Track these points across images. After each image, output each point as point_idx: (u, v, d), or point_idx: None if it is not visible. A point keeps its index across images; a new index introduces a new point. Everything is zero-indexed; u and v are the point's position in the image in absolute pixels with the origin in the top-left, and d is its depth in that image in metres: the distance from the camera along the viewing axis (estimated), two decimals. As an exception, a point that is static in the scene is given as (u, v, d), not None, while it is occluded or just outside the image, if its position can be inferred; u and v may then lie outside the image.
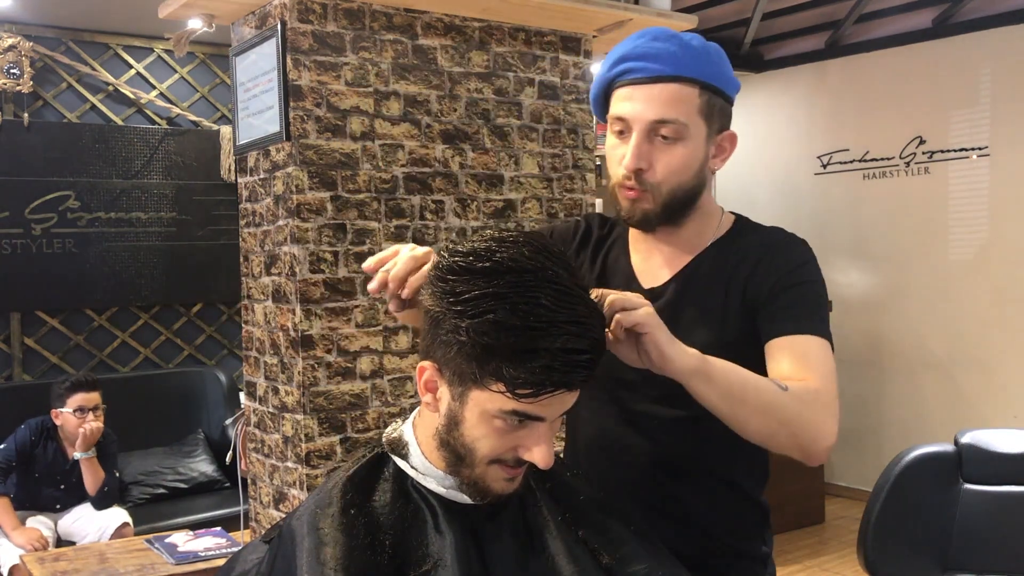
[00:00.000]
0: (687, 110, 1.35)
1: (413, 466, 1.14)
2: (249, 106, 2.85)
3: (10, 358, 4.60)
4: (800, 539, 4.61)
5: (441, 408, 1.09)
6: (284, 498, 2.80)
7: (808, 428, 1.24)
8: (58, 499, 3.90)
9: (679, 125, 1.35)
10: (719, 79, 1.38)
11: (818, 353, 1.31)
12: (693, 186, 1.39)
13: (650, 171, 1.37)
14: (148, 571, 2.97)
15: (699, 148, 1.38)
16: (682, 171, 1.37)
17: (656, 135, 1.35)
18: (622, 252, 1.51)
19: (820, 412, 1.24)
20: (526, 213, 3.11)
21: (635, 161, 1.36)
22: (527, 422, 1.05)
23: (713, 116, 1.38)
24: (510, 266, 1.03)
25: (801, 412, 1.23)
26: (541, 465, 1.06)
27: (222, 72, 5.12)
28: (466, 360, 1.03)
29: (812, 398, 1.25)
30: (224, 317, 5.19)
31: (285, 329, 2.73)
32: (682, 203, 1.40)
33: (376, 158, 2.80)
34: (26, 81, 4.52)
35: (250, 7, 2.79)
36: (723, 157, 1.44)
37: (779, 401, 1.22)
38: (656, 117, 1.34)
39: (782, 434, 1.23)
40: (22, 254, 4.58)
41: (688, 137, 1.36)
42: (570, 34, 3.18)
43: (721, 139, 1.42)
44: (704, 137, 1.38)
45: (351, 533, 1.06)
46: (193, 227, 5.04)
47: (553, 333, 1.00)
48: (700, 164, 1.39)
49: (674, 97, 1.35)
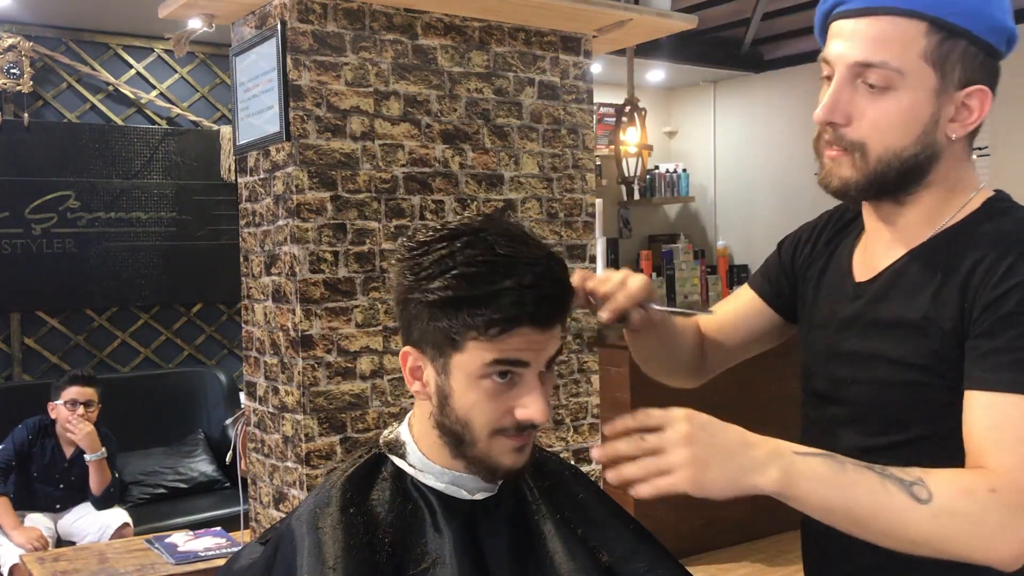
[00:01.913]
0: (904, 52, 1.06)
1: (411, 464, 1.14)
2: (249, 106, 2.85)
3: (10, 358, 4.60)
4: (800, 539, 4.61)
5: (430, 390, 1.09)
6: (284, 498, 2.80)
7: (970, 546, 0.95)
8: (57, 499, 3.90)
9: (889, 71, 1.07)
10: (967, 17, 1.06)
11: (1016, 422, 0.97)
12: (915, 154, 1.09)
13: (850, 126, 1.10)
14: (148, 571, 2.97)
15: (923, 103, 1.08)
16: (893, 131, 1.08)
17: (863, 82, 1.08)
18: (856, 237, 1.24)
19: (991, 521, 0.94)
20: (526, 213, 3.11)
21: (827, 111, 1.10)
22: (513, 376, 1.05)
23: (949, 64, 1.07)
24: (464, 229, 1.06)
25: (952, 532, 0.95)
26: (537, 418, 1.05)
27: (222, 72, 5.12)
28: (439, 324, 1.04)
29: (977, 508, 0.95)
30: (224, 317, 5.19)
31: (285, 329, 2.73)
32: (899, 175, 1.10)
33: (376, 158, 2.80)
34: (26, 81, 4.52)
35: (250, 7, 2.79)
36: (968, 121, 1.10)
37: (911, 522, 0.94)
38: (859, 58, 1.08)
39: (933, 552, 0.97)
40: (22, 254, 4.58)
41: (903, 87, 1.07)
42: (570, 34, 3.18)
43: (965, 96, 1.09)
44: (933, 90, 1.07)
45: (350, 532, 1.06)
46: (193, 227, 5.04)
47: (514, 272, 1.02)
48: (924, 125, 1.08)
49: (886, 34, 1.07)
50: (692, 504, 5.14)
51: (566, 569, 1.10)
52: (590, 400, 3.18)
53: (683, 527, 4.29)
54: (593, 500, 1.21)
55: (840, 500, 0.96)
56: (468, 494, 1.12)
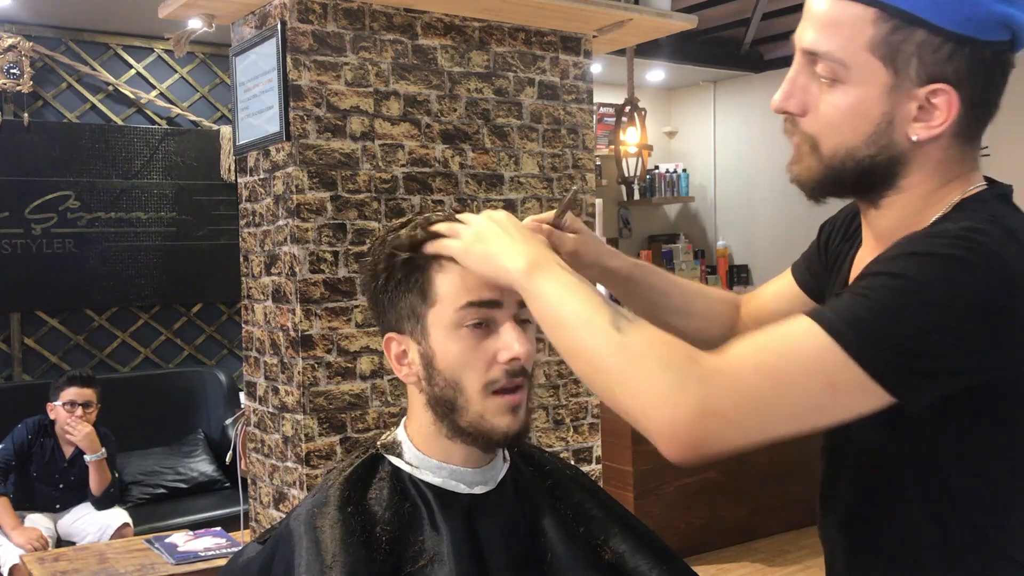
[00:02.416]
0: (849, 42, 0.94)
1: (407, 461, 1.15)
2: (249, 106, 2.85)
3: (10, 358, 4.60)
4: (800, 539, 4.61)
5: (416, 367, 1.12)
6: (284, 498, 2.80)
7: (638, 396, 0.88)
8: (57, 499, 3.90)
9: (834, 63, 0.95)
10: (924, 3, 0.91)
11: (786, 335, 0.89)
12: (871, 155, 0.97)
13: (805, 117, 1.00)
14: (148, 571, 2.97)
15: (872, 101, 0.95)
16: (842, 128, 0.97)
17: (816, 71, 0.98)
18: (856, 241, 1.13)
19: (671, 379, 0.86)
20: (526, 213, 3.11)
21: (781, 99, 1.01)
22: (489, 323, 1.08)
23: (902, 57, 0.93)
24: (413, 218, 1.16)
25: (629, 371, 0.88)
26: (521, 353, 1.07)
27: (222, 72, 5.12)
28: (407, 288, 1.10)
29: (665, 361, 0.87)
30: (224, 317, 5.19)
31: (285, 329, 2.73)
32: (856, 176, 0.98)
33: (376, 158, 2.80)
34: (26, 81, 4.52)
35: (250, 7, 2.79)
36: (934, 123, 0.95)
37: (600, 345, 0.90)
38: (807, 46, 0.97)
39: (608, 391, 0.91)
40: (22, 254, 4.58)
41: (850, 82, 0.95)
42: (570, 34, 3.18)
43: (928, 93, 0.94)
44: (885, 86, 0.94)
45: (348, 530, 1.07)
46: (193, 227, 5.04)
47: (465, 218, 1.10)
48: (876, 125, 0.96)
49: (836, 19, 0.95)
50: (692, 504, 5.15)
51: (566, 565, 1.10)
52: (590, 400, 3.18)
53: (683, 527, 4.29)
54: (594, 499, 1.21)
55: (558, 305, 0.95)
56: (467, 487, 1.13)
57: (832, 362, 0.85)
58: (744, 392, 0.86)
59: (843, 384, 0.86)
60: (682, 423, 0.85)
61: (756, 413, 0.87)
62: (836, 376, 0.86)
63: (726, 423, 0.86)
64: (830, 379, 0.86)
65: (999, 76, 0.98)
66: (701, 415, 0.85)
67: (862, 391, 0.86)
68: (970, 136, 1.00)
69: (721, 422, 0.86)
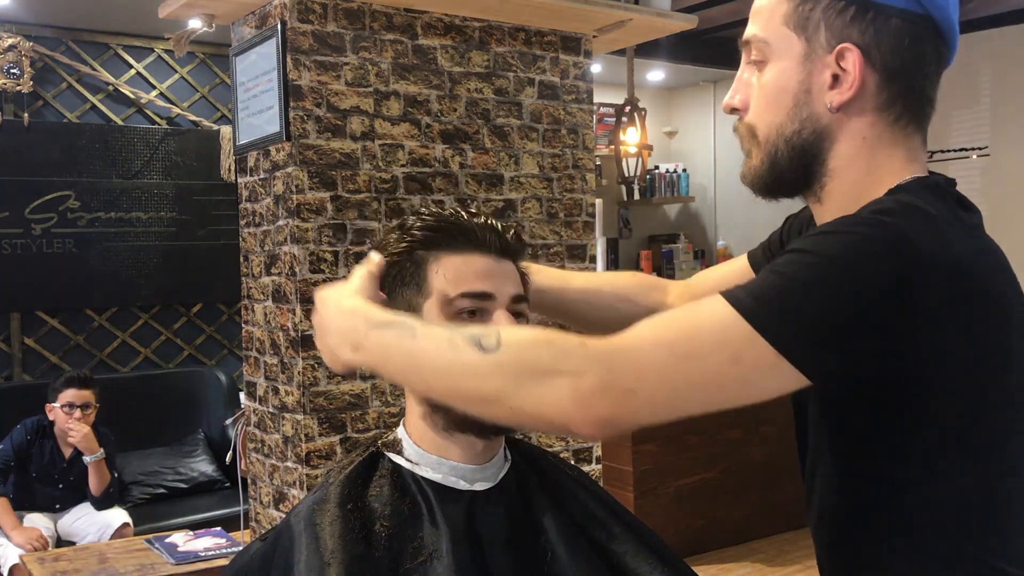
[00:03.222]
0: (769, 20, 0.99)
1: (407, 458, 1.15)
2: (249, 106, 2.85)
3: (10, 358, 4.61)
4: (800, 539, 4.61)
5: None
6: (284, 498, 2.80)
7: (542, 396, 0.85)
8: (57, 499, 3.90)
9: (760, 44, 0.99)
10: None
11: (695, 311, 0.89)
12: (797, 130, 0.98)
13: (747, 111, 1.02)
14: (148, 571, 2.97)
15: (789, 72, 0.98)
16: (769, 107, 0.99)
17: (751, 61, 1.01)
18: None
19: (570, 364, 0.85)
20: (526, 213, 3.11)
21: (729, 95, 1.03)
22: (482, 311, 1.09)
23: (811, 25, 0.96)
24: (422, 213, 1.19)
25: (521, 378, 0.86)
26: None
27: (222, 72, 5.12)
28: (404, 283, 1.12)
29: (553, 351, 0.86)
30: (224, 317, 5.19)
31: (285, 329, 2.73)
32: (790, 159, 0.99)
33: (376, 158, 2.80)
34: (26, 81, 4.52)
35: (250, 7, 2.79)
36: (845, 86, 0.96)
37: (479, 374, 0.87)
38: (744, 36, 1.02)
39: (510, 413, 0.88)
40: (22, 254, 4.58)
41: (773, 59, 0.99)
42: (570, 34, 3.18)
43: (837, 57, 0.96)
44: (799, 55, 0.97)
45: (347, 527, 1.07)
46: (193, 227, 5.04)
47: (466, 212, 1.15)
48: (795, 96, 0.98)
49: (759, 5, 1.01)
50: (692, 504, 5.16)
51: (567, 565, 1.11)
52: (590, 400, 3.18)
53: (683, 527, 4.29)
54: (595, 499, 1.21)
55: (410, 365, 0.91)
56: (467, 484, 1.13)
57: (737, 336, 0.85)
58: (646, 366, 0.85)
59: (749, 359, 0.85)
60: (587, 401, 0.84)
61: (662, 387, 0.86)
62: (742, 350, 0.85)
63: (632, 397, 0.85)
64: (736, 353, 0.85)
65: (911, 47, 0.97)
66: (604, 389, 0.84)
67: (769, 366, 0.85)
68: (898, 116, 0.99)
69: (627, 396, 0.85)
